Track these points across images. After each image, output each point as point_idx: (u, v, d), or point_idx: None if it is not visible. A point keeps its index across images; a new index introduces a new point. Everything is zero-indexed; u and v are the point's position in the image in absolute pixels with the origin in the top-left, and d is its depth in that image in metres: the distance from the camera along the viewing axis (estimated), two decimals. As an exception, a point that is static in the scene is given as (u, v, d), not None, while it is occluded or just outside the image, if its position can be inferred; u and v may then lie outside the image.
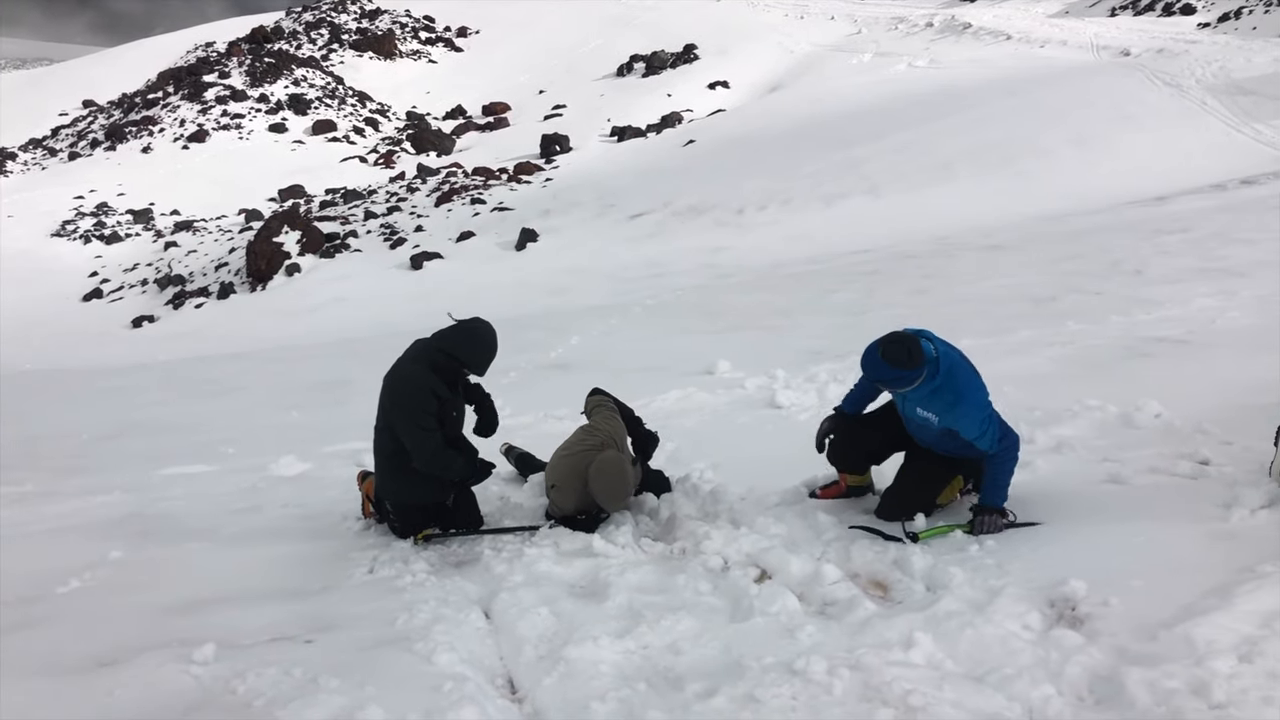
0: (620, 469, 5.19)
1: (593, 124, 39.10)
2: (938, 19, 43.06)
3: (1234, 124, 22.06)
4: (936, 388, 4.53)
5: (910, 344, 4.44)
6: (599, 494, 5.16)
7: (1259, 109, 22.62)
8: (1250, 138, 21.09)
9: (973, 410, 4.52)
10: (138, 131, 45.34)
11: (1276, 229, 12.50)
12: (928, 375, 4.49)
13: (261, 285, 25.79)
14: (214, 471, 7.72)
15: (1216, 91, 24.28)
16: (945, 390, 4.53)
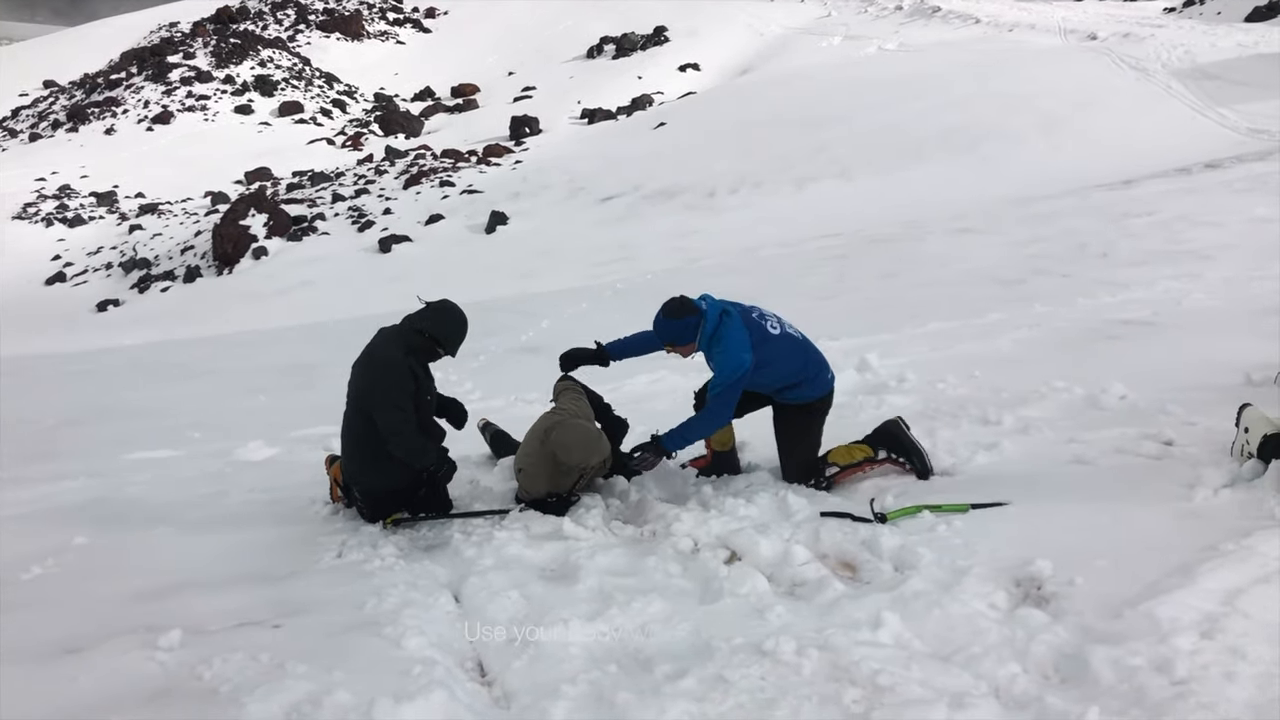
0: (579, 426, 5.19)
1: (563, 106, 38.94)
2: (907, 2, 43.15)
3: (1199, 108, 22.26)
4: (709, 334, 5.06)
5: (681, 300, 5.09)
6: (566, 450, 5.11)
7: (1223, 93, 22.83)
8: (1215, 122, 21.29)
9: (725, 359, 5.01)
10: (100, 113, 44.71)
11: (1241, 212, 12.64)
12: (706, 324, 5.04)
13: (228, 268, 25.53)
14: (180, 456, 7.65)
15: (1182, 76, 24.49)
16: (714, 338, 5.07)
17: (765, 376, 5.14)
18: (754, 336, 5.06)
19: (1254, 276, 9.54)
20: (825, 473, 5.25)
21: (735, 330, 5.03)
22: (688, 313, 5.03)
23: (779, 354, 5.13)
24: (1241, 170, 16.20)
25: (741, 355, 4.98)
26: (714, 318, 5.04)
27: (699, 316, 5.03)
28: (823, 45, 39.21)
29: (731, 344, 5.00)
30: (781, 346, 5.15)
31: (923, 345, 8.69)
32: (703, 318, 5.03)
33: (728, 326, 5.04)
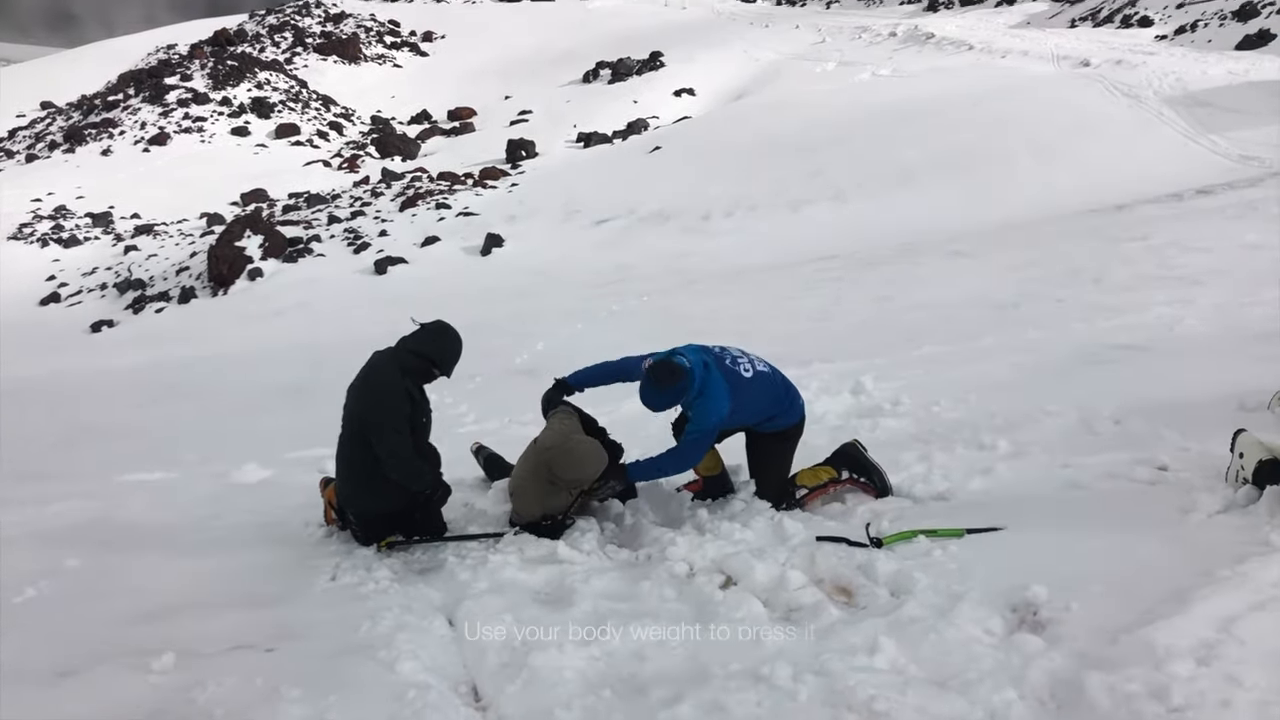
0: (575, 442, 5.20)
1: (559, 130, 39.08)
2: (901, 29, 43.42)
3: (1190, 134, 22.40)
4: (695, 392, 5.11)
5: (669, 367, 5.05)
6: (563, 466, 5.13)
7: (1214, 120, 22.98)
8: (1206, 148, 21.41)
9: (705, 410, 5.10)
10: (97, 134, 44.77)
11: (1232, 238, 12.70)
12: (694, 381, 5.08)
13: (223, 289, 25.52)
14: (174, 478, 7.64)
15: (1173, 102, 24.65)
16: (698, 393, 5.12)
17: (740, 417, 5.30)
18: (730, 383, 5.17)
19: (1246, 303, 9.57)
20: (795, 495, 5.40)
21: (717, 383, 5.12)
22: (678, 377, 5.05)
23: (753, 396, 5.26)
24: (1233, 196, 16.29)
25: (721, 406, 5.10)
26: (699, 376, 5.10)
27: (687, 378, 5.06)
28: (817, 71, 39.42)
29: (712, 399, 5.10)
30: (754, 389, 5.26)
31: (917, 368, 8.71)
32: (690, 377, 5.06)
33: (711, 379, 5.12)
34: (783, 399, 5.42)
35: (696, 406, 5.14)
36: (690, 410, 5.21)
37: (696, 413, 5.14)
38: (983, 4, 52.93)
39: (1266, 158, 19.77)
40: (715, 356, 5.26)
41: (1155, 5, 40.03)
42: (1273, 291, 9.79)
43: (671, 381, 5.04)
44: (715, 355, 5.27)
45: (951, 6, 53.65)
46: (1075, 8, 45.41)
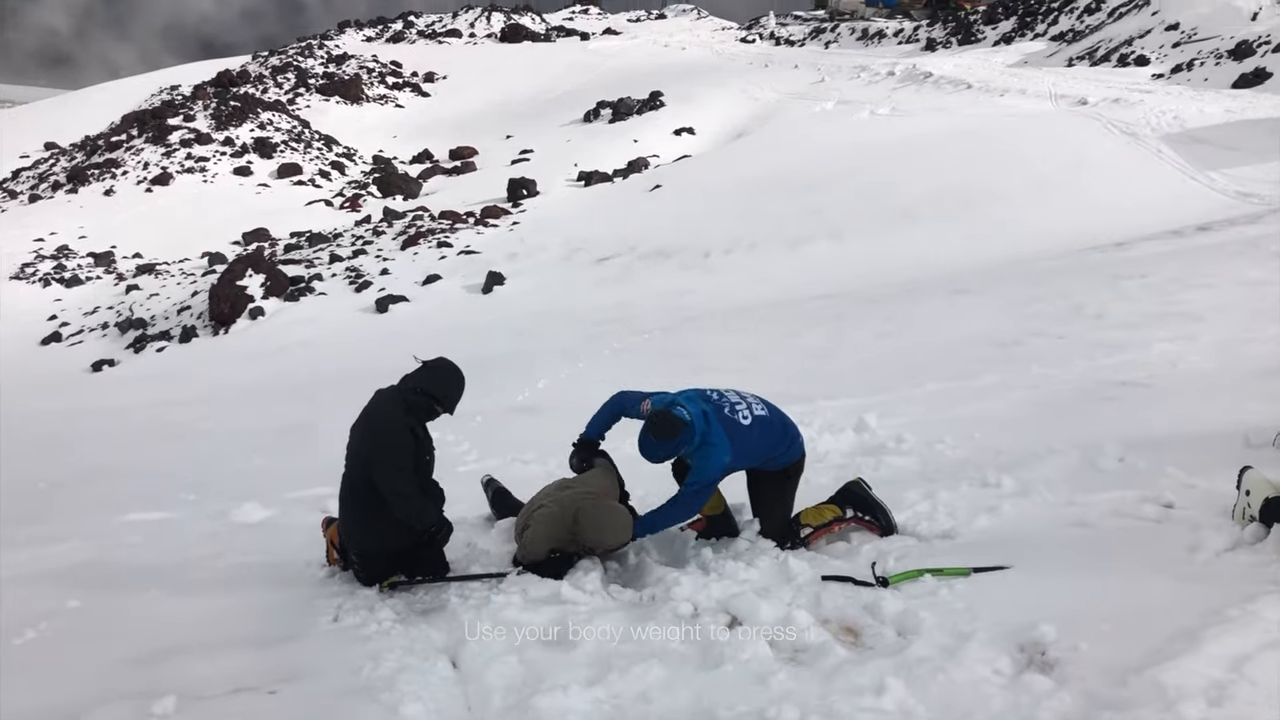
0: (614, 508, 5.19)
1: (560, 169, 39.28)
2: (899, 68, 43.76)
3: (1189, 172, 22.50)
4: (696, 444, 5.11)
5: (668, 419, 5.04)
6: (598, 529, 5.12)
7: (1212, 157, 23.10)
8: (1205, 185, 21.51)
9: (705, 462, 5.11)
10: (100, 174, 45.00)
11: (1233, 275, 12.72)
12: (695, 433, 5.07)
13: (224, 329, 25.53)
14: (174, 518, 7.60)
15: (1171, 140, 24.78)
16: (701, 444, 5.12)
17: (741, 462, 5.32)
18: (730, 435, 5.17)
19: (1248, 339, 9.58)
20: (800, 534, 5.39)
21: (718, 434, 5.12)
22: (677, 429, 5.04)
23: (752, 442, 5.26)
24: (1233, 233, 16.34)
25: (722, 457, 5.12)
26: (700, 427, 5.09)
27: (687, 429, 5.05)
28: (816, 110, 39.67)
29: (713, 450, 5.11)
30: (753, 435, 5.26)
31: (921, 406, 8.70)
32: (689, 430, 5.05)
33: (711, 431, 5.12)
34: (781, 439, 5.42)
35: (698, 457, 5.14)
36: (691, 460, 5.21)
37: (698, 464, 5.14)
38: (980, 44, 53.40)
39: (1265, 194, 19.86)
40: (714, 405, 5.25)
41: (1152, 44, 40.37)
42: (1275, 328, 9.80)
43: (671, 434, 5.03)
44: (714, 404, 5.27)
45: (949, 46, 54.12)
46: (1072, 47, 45.80)
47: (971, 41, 54.31)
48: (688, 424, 5.05)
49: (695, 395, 5.32)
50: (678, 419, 5.04)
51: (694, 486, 5.16)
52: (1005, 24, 54.83)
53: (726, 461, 5.15)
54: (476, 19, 74.95)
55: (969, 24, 57.00)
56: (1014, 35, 52.53)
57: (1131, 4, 46.60)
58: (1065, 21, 50.49)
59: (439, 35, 72.06)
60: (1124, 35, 43.09)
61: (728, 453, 5.12)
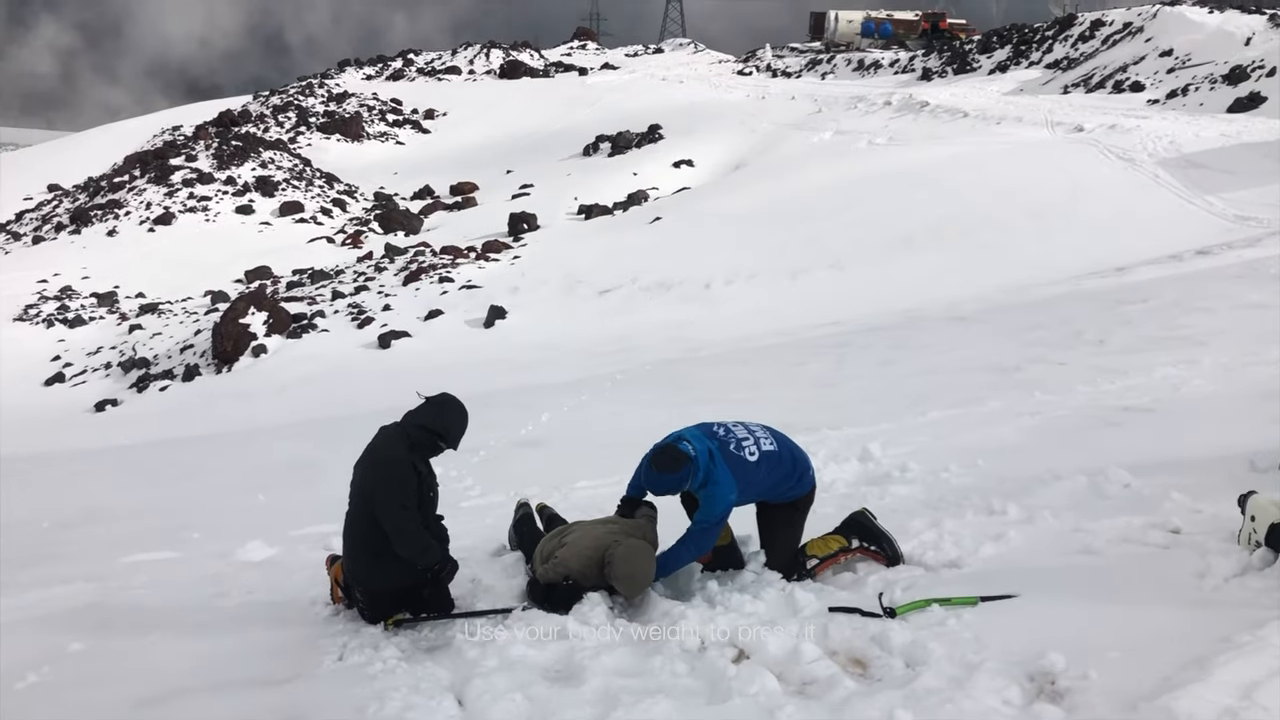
0: (646, 562, 5.18)
1: (560, 202, 39.42)
2: (896, 98, 43.99)
3: (1186, 196, 22.58)
4: (700, 480, 5.11)
5: (671, 453, 5.09)
6: (629, 574, 5.12)
7: (1209, 181, 23.19)
8: (1202, 209, 21.58)
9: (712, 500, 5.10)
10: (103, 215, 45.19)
11: (1233, 298, 12.75)
12: (699, 470, 5.08)
13: (227, 367, 25.55)
14: (178, 558, 7.58)
15: (1168, 165, 24.88)
16: (704, 481, 5.12)
17: (748, 497, 5.33)
18: (736, 473, 5.17)
19: (1250, 362, 9.58)
20: (806, 565, 5.37)
21: (723, 473, 5.12)
22: (680, 464, 5.07)
23: (759, 477, 5.26)
24: (1232, 256, 16.38)
25: (728, 495, 5.12)
26: (704, 464, 5.11)
27: (690, 464, 5.08)
28: (814, 140, 39.87)
29: (719, 488, 5.10)
30: (760, 470, 5.26)
31: (925, 434, 8.69)
32: (694, 464, 5.09)
33: (716, 469, 5.12)
34: (791, 473, 5.40)
35: (704, 496, 5.15)
36: (698, 495, 5.21)
37: (704, 501, 5.15)
38: (976, 73, 53.71)
39: (1263, 217, 19.91)
40: (720, 441, 5.25)
41: (1146, 70, 40.61)
42: (1277, 350, 9.81)
43: (674, 468, 5.06)
44: (720, 440, 5.27)
45: (945, 75, 54.42)
46: (1067, 74, 46.07)
47: (967, 70, 54.61)
48: (691, 459, 5.07)
49: (702, 432, 5.32)
50: (682, 454, 5.08)
51: (702, 525, 5.17)
52: (1000, 53, 55.15)
53: (733, 500, 5.16)
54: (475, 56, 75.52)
55: (964, 53, 57.33)
56: (1009, 64, 52.82)
57: (1125, 31, 46.92)
58: (1060, 49, 50.81)
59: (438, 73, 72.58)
60: (1118, 62, 43.35)
61: (733, 491, 5.14)
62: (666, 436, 5.34)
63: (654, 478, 5.13)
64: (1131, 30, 46.38)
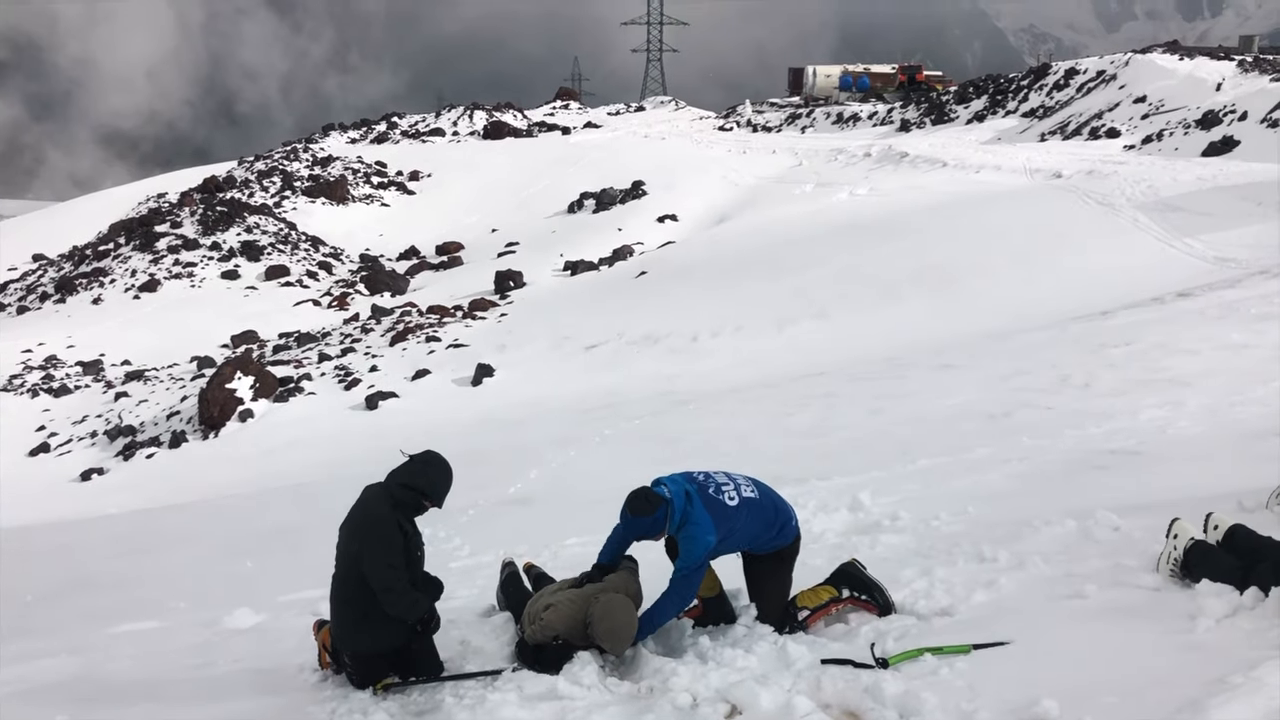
0: (628, 619, 5.13)
1: (546, 259, 39.61)
2: (875, 149, 44.49)
3: (1165, 239, 22.81)
4: (677, 521, 5.11)
5: (645, 495, 5.11)
6: (610, 630, 5.07)
7: (1188, 224, 23.45)
8: (1182, 252, 21.79)
9: (690, 544, 5.09)
10: (88, 283, 45.21)
11: (1216, 339, 12.83)
12: (674, 512, 5.09)
13: (214, 432, 25.44)
14: (164, 628, 7.49)
15: (1147, 209, 25.16)
16: (682, 523, 5.13)
17: (731, 544, 5.31)
18: (714, 515, 5.15)
19: (1235, 402, 9.63)
20: (797, 617, 5.34)
21: (700, 514, 5.12)
22: (654, 506, 5.10)
23: (740, 524, 5.25)
24: (1213, 298, 16.51)
25: (706, 539, 5.11)
26: (680, 505, 5.12)
27: (665, 506, 5.10)
28: (795, 192, 40.24)
29: (697, 529, 5.10)
30: (741, 516, 5.24)
31: (914, 482, 8.68)
32: (669, 506, 5.10)
33: (694, 510, 5.12)
34: (773, 522, 5.39)
35: (682, 539, 5.15)
36: (678, 539, 5.21)
37: (683, 544, 5.16)
38: (953, 123, 54.42)
39: (1242, 258, 20.12)
40: (699, 485, 5.25)
41: (1121, 117, 41.21)
42: (1261, 390, 9.86)
43: (647, 510, 5.08)
44: (699, 484, 5.26)
45: (923, 126, 55.12)
46: (1044, 122, 46.72)
47: (944, 121, 55.35)
48: (666, 501, 5.10)
49: (681, 477, 5.34)
50: (656, 496, 5.11)
51: (683, 571, 5.15)
52: (977, 103, 55.95)
53: (712, 542, 5.15)
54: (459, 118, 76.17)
55: (941, 104, 58.15)
56: (986, 113, 53.56)
57: (1099, 78, 47.69)
58: (1035, 98, 51.56)
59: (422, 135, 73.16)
60: (1094, 109, 44.01)
61: (712, 533, 5.12)
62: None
63: (630, 522, 5.16)
64: (1105, 78, 47.14)
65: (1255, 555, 4.59)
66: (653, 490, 5.16)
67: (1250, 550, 4.67)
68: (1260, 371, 10.68)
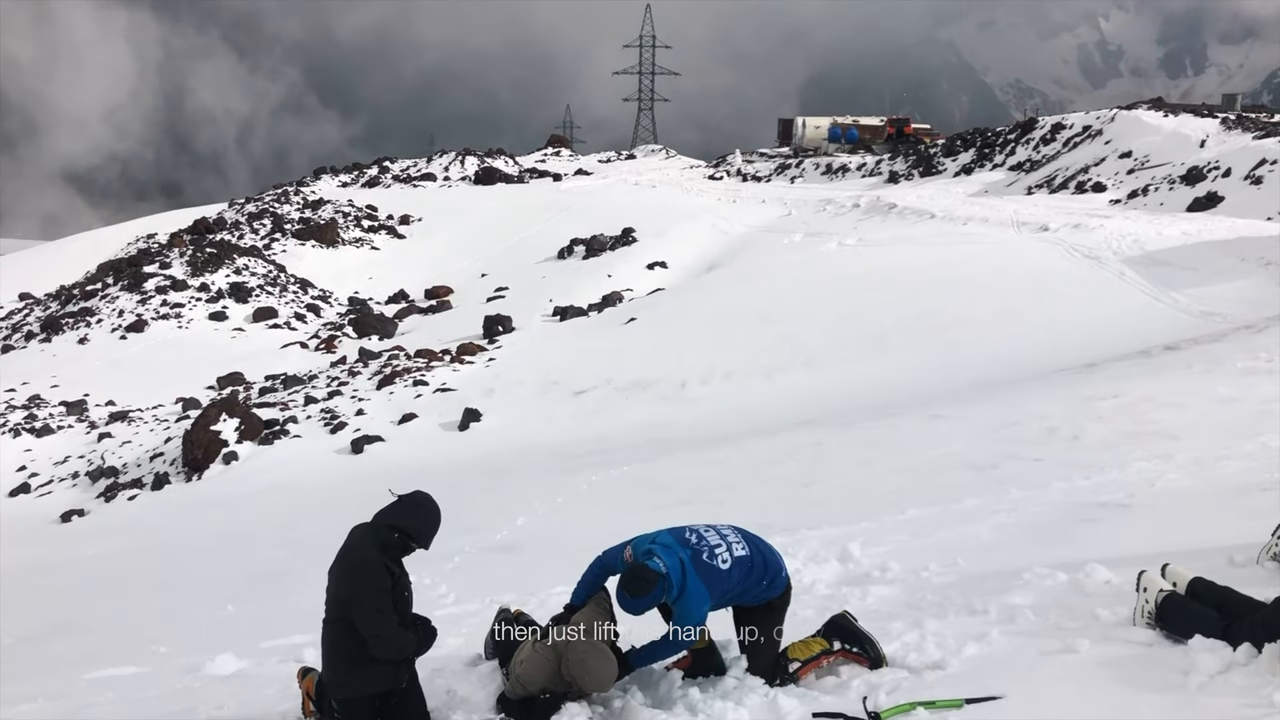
0: (605, 654, 5.07)
1: (535, 304, 39.67)
2: (864, 200, 44.84)
3: (1151, 293, 23.00)
4: (675, 595, 5.11)
5: (642, 575, 5.02)
6: (584, 673, 5.01)
7: (1173, 278, 23.66)
8: (1168, 305, 21.97)
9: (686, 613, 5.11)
10: (74, 323, 45.06)
11: (1202, 393, 12.89)
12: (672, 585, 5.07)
13: (198, 475, 25.25)
14: (145, 673, 7.39)
15: (1133, 263, 25.39)
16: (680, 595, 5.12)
17: (722, 602, 5.31)
18: (708, 582, 5.15)
19: (1222, 456, 9.65)
20: (788, 669, 5.29)
21: (695, 585, 5.11)
22: (652, 584, 5.02)
23: (732, 584, 5.24)
24: (1199, 351, 16.62)
25: (702, 607, 5.12)
26: (677, 579, 5.09)
27: (662, 580, 5.05)
28: (784, 242, 40.46)
29: (692, 601, 5.10)
30: (734, 577, 5.24)
31: (904, 533, 8.66)
32: (666, 580, 5.06)
33: (689, 582, 5.11)
34: (763, 575, 5.36)
35: (677, 608, 5.16)
36: (672, 607, 5.20)
37: (678, 613, 5.16)
38: (941, 175, 54.96)
39: (1227, 312, 20.28)
40: (693, 551, 5.21)
41: (1107, 171, 41.68)
42: (1248, 445, 9.89)
43: (645, 590, 5.01)
44: (692, 549, 5.22)
45: (911, 178, 55.64)
46: (1030, 176, 47.21)
47: (933, 173, 55.91)
48: (663, 576, 5.05)
49: (673, 541, 5.26)
50: (653, 573, 5.04)
51: (679, 634, 5.15)
52: (964, 155, 56.55)
53: (706, 610, 5.16)
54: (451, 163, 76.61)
55: (929, 156, 58.76)
56: (973, 166, 54.14)
57: (1085, 134, 48.28)
58: (1022, 152, 52.16)
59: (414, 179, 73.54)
60: (1080, 163, 44.51)
61: (707, 602, 5.13)
62: (637, 540, 5.29)
63: (628, 602, 5.05)
64: (1091, 133, 47.73)
65: (1228, 609, 4.67)
66: (648, 568, 5.06)
67: (1220, 605, 4.75)
68: (1247, 426, 10.72)
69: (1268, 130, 38.91)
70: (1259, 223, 27.79)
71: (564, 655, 5.10)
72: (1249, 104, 58.35)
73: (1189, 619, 4.72)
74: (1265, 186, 31.75)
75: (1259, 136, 37.35)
